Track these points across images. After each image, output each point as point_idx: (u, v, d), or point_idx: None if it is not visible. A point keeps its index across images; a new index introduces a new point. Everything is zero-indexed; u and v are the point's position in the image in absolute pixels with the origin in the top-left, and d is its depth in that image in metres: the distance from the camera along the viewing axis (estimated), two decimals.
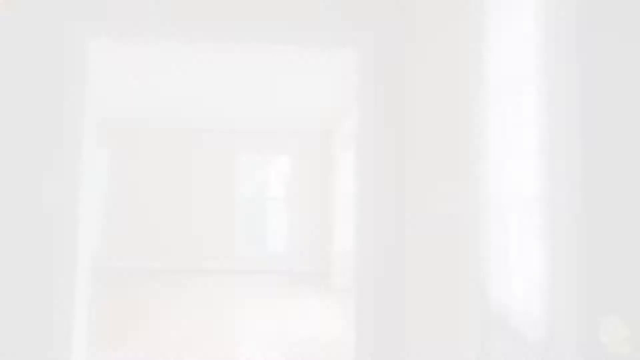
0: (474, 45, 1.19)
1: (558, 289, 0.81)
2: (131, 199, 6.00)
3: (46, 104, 1.81)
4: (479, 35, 1.17)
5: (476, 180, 1.12)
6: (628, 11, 0.70)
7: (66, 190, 1.78)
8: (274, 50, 1.99)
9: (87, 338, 1.86)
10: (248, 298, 4.56)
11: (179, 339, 3.24)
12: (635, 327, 0.65)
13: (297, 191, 6.17)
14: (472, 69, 1.16)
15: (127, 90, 4.23)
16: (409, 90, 1.87)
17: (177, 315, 3.84)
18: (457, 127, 1.29)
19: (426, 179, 1.58)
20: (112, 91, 4.30)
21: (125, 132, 6.04)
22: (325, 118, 5.51)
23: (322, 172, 6.19)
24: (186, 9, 1.90)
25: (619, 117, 0.71)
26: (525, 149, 0.93)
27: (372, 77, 1.92)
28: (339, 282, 5.06)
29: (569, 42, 0.81)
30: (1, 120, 1.79)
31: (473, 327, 1.16)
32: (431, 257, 1.49)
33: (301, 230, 6.15)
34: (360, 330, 1.86)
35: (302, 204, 6.17)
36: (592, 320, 0.75)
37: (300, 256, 6.12)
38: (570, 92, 0.80)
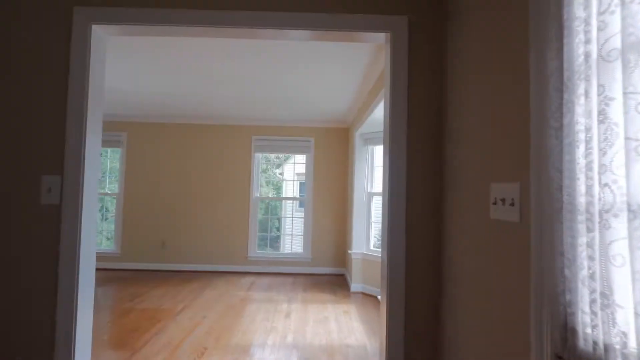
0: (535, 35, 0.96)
1: None
2: (145, 197, 5.90)
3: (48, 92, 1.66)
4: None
5: (546, 181, 0.89)
6: None
7: (68, 185, 1.63)
8: (297, 37, 1.80)
9: (89, 339, 1.70)
10: (262, 303, 4.39)
11: (194, 343, 3.08)
12: None
13: (316, 190, 5.97)
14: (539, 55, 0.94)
15: (143, 82, 4.11)
16: (450, 81, 1.65)
17: (192, 317, 3.69)
18: (513, 118, 1.07)
19: (472, 177, 1.36)
20: (128, 84, 4.19)
21: (139, 127, 5.94)
22: (346, 112, 5.30)
23: (343, 170, 5.98)
24: None
25: None
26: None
27: (405, 64, 1.71)
28: (359, 286, 4.84)
29: None
30: (2, 111, 1.64)
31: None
32: (478, 267, 1.27)
33: (320, 230, 5.94)
34: (392, 342, 1.65)
35: (323, 203, 5.96)
36: None
37: (319, 258, 5.92)
38: None
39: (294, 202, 9.53)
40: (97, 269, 5.89)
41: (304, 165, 6.08)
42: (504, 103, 1.14)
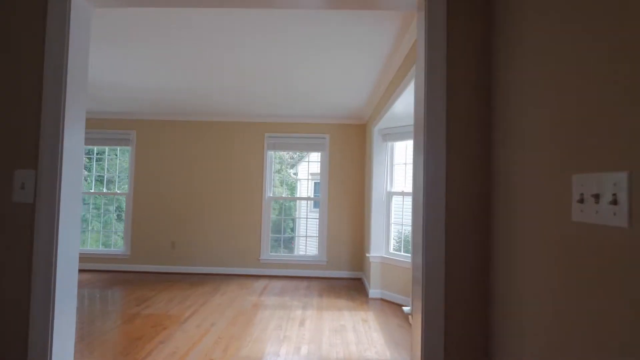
0: None
1: None
2: (155, 196, 5.73)
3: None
4: None
5: None
6: None
7: (43, 181, 1.39)
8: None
9: (69, 343, 1.46)
10: (275, 309, 4.12)
11: (200, 354, 2.84)
12: None
13: (332, 189, 5.68)
14: None
15: (149, 76, 3.90)
16: (504, 52, 1.34)
17: (200, 325, 3.45)
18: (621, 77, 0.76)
19: (538, 168, 1.06)
20: (133, 79, 3.99)
21: (148, 124, 5.77)
22: (363, 107, 5.00)
23: (360, 168, 5.68)
24: None
25: None
26: None
27: (443, 36, 1.41)
28: (378, 292, 4.53)
29: None
30: None
31: None
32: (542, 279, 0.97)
33: (335, 232, 5.66)
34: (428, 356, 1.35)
35: (339, 203, 5.67)
36: None
37: (335, 261, 5.63)
38: None
39: (308, 202, 9.27)
40: (106, 271, 5.80)
41: (319, 164, 5.80)
42: (601, 59, 0.83)
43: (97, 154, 6.08)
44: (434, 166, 1.39)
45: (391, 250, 4.57)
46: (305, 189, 9.51)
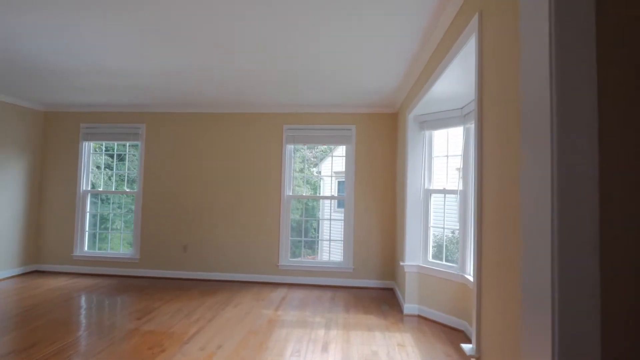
0: None
1: None
2: (166, 195, 5.27)
3: None
4: None
5: None
6: None
7: None
8: None
9: None
10: (294, 327, 3.53)
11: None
12: None
13: (359, 187, 5.04)
14: None
15: (153, 56, 3.40)
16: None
17: (205, 346, 2.91)
18: None
19: None
20: (136, 62, 3.50)
21: (158, 118, 5.32)
22: (395, 91, 4.33)
23: (390, 163, 5.01)
24: None
25: None
26: None
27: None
28: (414, 307, 3.84)
29: None
30: None
31: None
32: None
33: (363, 235, 5.01)
34: None
35: (367, 203, 5.03)
36: None
37: (363, 268, 4.99)
38: None
39: (332, 201, 8.63)
40: (114, 276, 5.40)
41: (344, 159, 5.17)
42: None
43: (117, 150, 5.69)
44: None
45: (430, 259, 3.87)
46: (328, 187, 8.89)
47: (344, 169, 5.16)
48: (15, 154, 5.07)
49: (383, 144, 5.01)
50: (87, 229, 5.43)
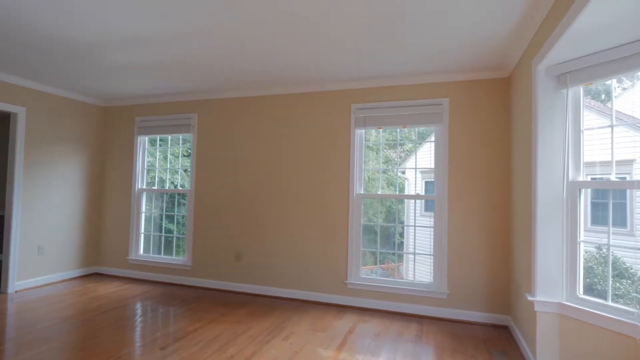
0: None
1: None
2: (219, 195, 4.58)
3: None
4: None
5: None
6: None
7: None
8: None
9: None
10: None
11: None
12: None
13: (454, 182, 3.71)
14: None
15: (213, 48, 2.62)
16: None
17: None
18: None
19: None
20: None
21: (211, 105, 4.68)
22: (507, 39, 2.93)
23: (502, 146, 3.59)
24: None
25: None
26: None
27: None
28: (546, 350, 2.40)
29: None
30: None
31: None
32: None
33: (461, 249, 3.66)
34: None
35: (467, 204, 3.68)
36: None
37: (461, 294, 3.64)
38: None
39: (416, 203, 7.20)
40: (167, 284, 4.80)
41: (432, 146, 3.87)
42: None
43: (170, 145, 5.25)
44: None
45: (580, 294, 2.40)
46: (412, 187, 7.48)
47: (432, 164, 3.86)
48: (76, 150, 4.88)
49: (489, 122, 3.59)
50: (142, 230, 5.03)
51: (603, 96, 2.86)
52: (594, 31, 2.02)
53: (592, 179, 2.45)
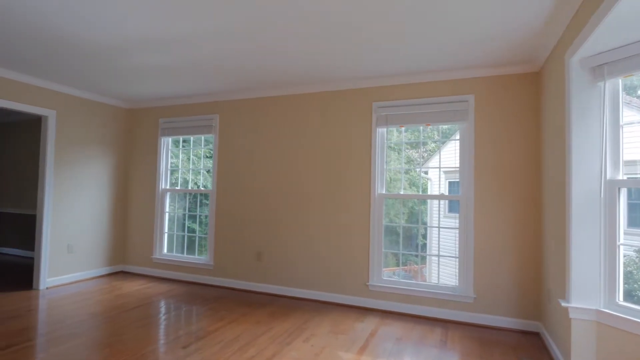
0: None
1: None
2: (241, 194, 4.60)
3: None
4: None
5: None
6: None
7: None
8: None
9: None
10: None
11: None
12: None
13: (480, 182, 3.58)
14: None
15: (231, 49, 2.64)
16: None
17: None
18: None
19: None
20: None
21: (232, 106, 4.71)
22: (538, 30, 2.79)
23: (531, 144, 3.44)
24: None
25: None
26: None
27: None
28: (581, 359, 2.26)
29: None
30: None
31: None
32: None
33: (489, 251, 3.53)
34: None
35: (494, 204, 3.55)
36: None
37: (488, 298, 3.51)
38: None
39: (440, 204, 7.03)
40: (190, 283, 4.84)
41: (457, 144, 3.75)
42: None
43: (193, 146, 5.32)
44: None
45: (620, 301, 2.25)
46: (436, 187, 7.32)
47: (456, 163, 3.74)
48: (103, 152, 5.02)
49: (517, 118, 3.44)
50: (165, 230, 5.12)
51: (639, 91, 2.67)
52: (635, 18, 1.88)
53: (628, 178, 2.29)
